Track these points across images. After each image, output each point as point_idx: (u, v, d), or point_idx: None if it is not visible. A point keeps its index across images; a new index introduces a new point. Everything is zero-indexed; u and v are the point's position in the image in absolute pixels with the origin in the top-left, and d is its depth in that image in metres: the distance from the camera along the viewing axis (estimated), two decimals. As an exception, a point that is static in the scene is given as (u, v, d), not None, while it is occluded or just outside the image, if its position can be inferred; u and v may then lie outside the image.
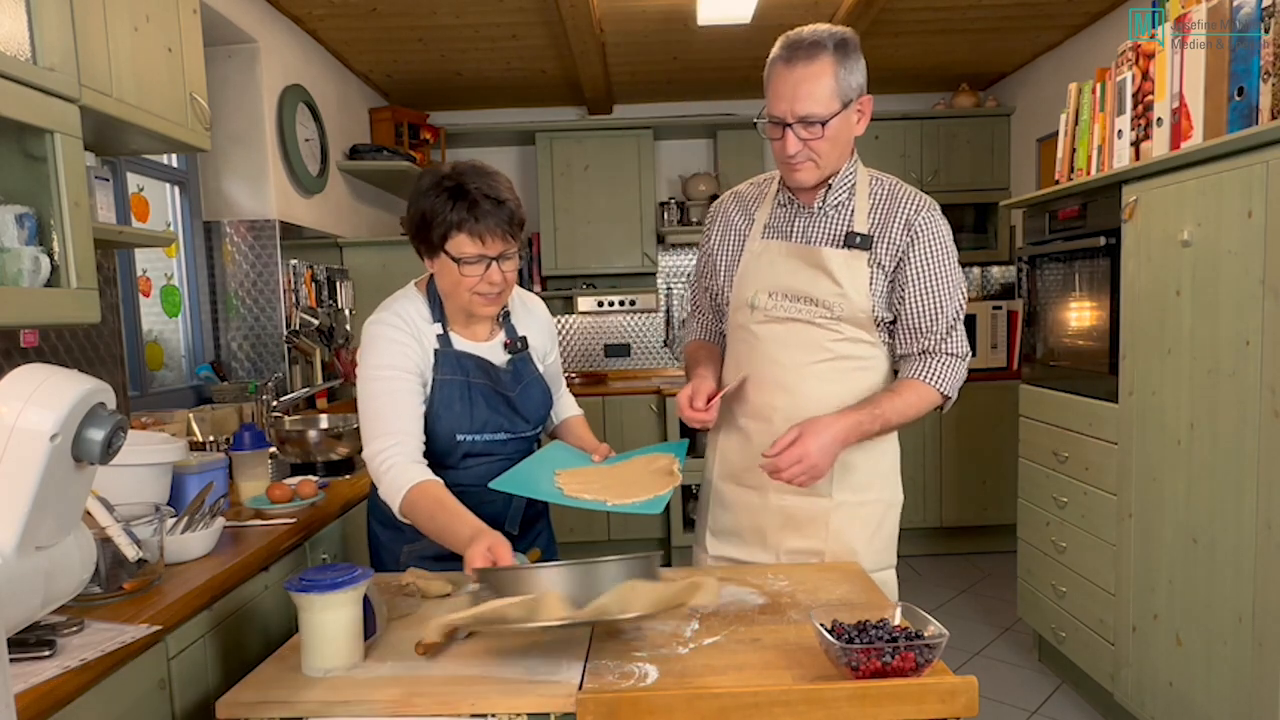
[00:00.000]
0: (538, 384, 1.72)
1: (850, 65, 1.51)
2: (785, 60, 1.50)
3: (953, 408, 1.72)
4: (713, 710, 1.08)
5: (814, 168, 1.56)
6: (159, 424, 2.31)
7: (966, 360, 1.63)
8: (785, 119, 1.51)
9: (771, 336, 1.64)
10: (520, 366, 1.69)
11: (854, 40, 1.53)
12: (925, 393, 1.59)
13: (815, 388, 1.61)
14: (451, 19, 3.44)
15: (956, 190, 4.65)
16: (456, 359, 1.60)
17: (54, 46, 1.53)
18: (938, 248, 1.60)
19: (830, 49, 1.49)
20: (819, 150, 1.53)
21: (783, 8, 3.43)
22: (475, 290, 1.52)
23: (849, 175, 1.62)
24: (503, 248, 1.50)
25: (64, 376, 0.82)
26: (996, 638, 3.36)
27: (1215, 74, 2.04)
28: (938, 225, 1.61)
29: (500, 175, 1.53)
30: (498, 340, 1.68)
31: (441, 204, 1.47)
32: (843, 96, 1.50)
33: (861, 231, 1.59)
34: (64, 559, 0.87)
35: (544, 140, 4.59)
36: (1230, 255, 1.98)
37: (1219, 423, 2.04)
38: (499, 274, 1.52)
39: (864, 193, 1.62)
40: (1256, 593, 1.93)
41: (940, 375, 1.60)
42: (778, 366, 1.63)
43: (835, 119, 1.50)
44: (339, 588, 1.18)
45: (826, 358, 1.61)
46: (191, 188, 3.13)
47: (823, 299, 1.59)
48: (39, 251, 1.53)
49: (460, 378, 1.60)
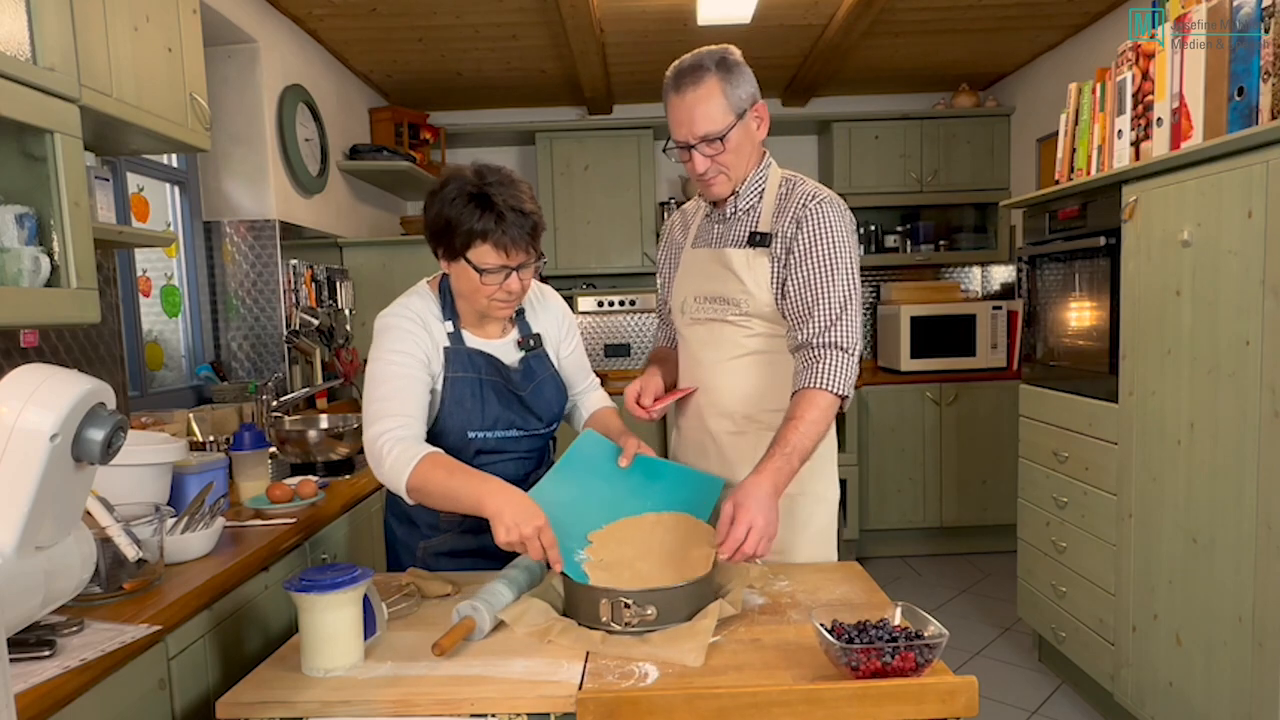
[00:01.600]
0: (551, 381, 1.72)
1: (735, 79, 1.57)
2: (675, 89, 1.58)
3: (953, 408, 1.71)
4: (713, 710, 1.08)
5: (725, 180, 1.64)
6: (159, 424, 2.31)
7: (854, 353, 1.57)
8: (688, 142, 1.59)
9: (694, 337, 1.75)
10: (533, 364, 1.70)
11: (733, 56, 1.59)
12: (820, 400, 1.51)
13: (730, 382, 1.70)
14: (451, 19, 3.44)
15: (956, 190, 4.65)
16: (468, 356, 1.61)
17: (54, 46, 1.53)
18: (822, 236, 1.59)
19: (713, 69, 1.55)
20: (725, 163, 1.61)
21: (783, 8, 3.43)
22: (493, 297, 1.54)
23: (759, 180, 1.68)
24: (524, 259, 1.53)
25: (64, 376, 0.82)
26: (996, 638, 3.36)
27: (1215, 74, 2.04)
28: (824, 215, 1.60)
29: (523, 184, 1.55)
30: (510, 338, 1.69)
31: (467, 213, 1.47)
32: (735, 109, 1.57)
33: (764, 230, 1.65)
34: (64, 559, 0.87)
35: (544, 140, 4.59)
36: (1230, 255, 1.98)
37: (1219, 423, 2.04)
38: (518, 283, 1.54)
39: (771, 196, 1.67)
40: (1256, 593, 1.93)
41: (827, 375, 1.53)
42: (700, 366, 1.74)
43: (733, 131, 1.58)
44: (339, 588, 1.18)
45: (740, 353, 1.69)
46: (191, 188, 3.13)
47: (732, 297, 1.67)
48: (39, 251, 1.53)
49: (472, 375, 1.61)
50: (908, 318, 4.32)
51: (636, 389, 1.72)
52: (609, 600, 1.27)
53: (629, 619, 1.26)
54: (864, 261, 4.77)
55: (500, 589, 1.36)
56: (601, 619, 1.28)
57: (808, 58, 4.11)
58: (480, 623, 1.28)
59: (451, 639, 1.22)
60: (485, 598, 1.32)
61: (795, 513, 1.67)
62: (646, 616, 1.26)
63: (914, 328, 4.32)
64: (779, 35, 3.78)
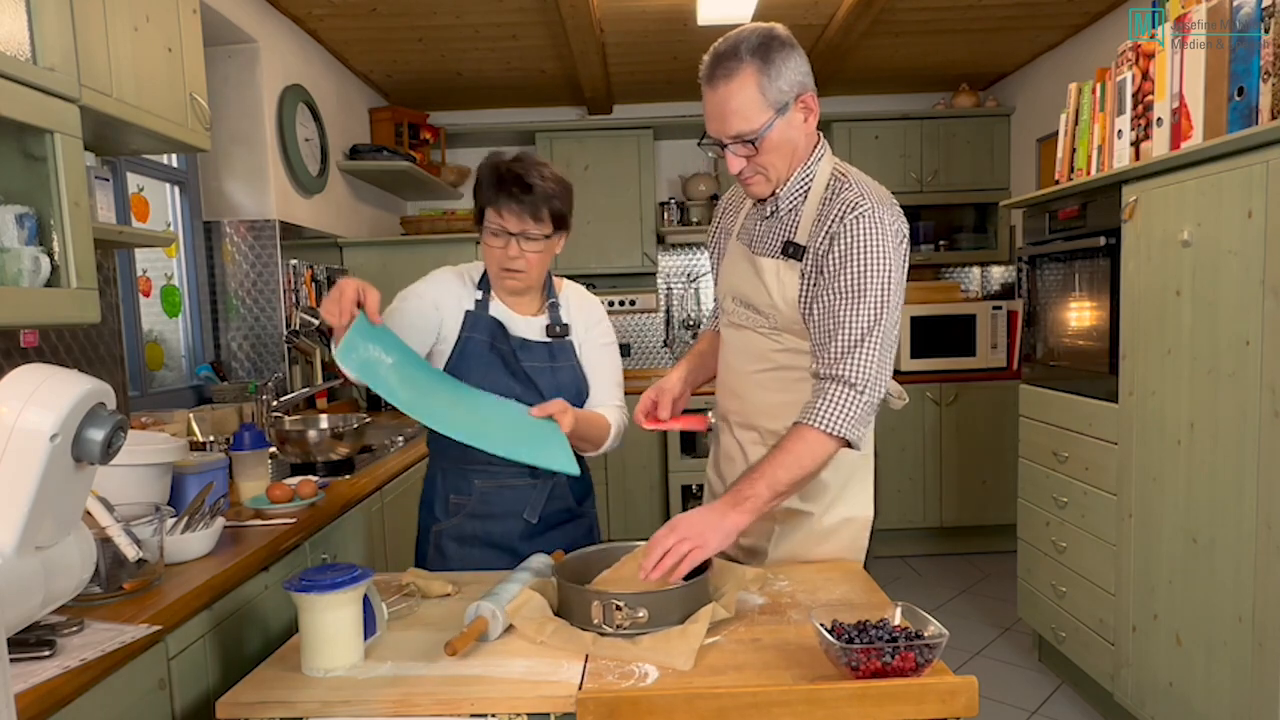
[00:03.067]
0: (571, 371, 1.76)
1: (777, 68, 1.39)
2: (708, 80, 1.42)
3: (953, 408, 1.70)
4: (713, 710, 1.08)
5: (764, 180, 1.49)
6: (159, 424, 2.31)
7: (865, 390, 1.38)
8: (720, 140, 1.45)
9: (730, 341, 1.67)
10: (556, 350, 1.75)
11: (778, 39, 1.40)
12: (809, 437, 1.37)
13: (760, 396, 1.60)
14: (451, 19, 3.44)
15: (956, 190, 4.65)
16: (486, 321, 1.72)
17: (54, 46, 1.53)
18: (853, 257, 1.41)
19: (748, 57, 1.38)
20: (764, 164, 1.46)
21: (783, 7, 3.43)
22: (501, 265, 1.67)
23: (805, 177, 1.51)
24: (520, 227, 1.63)
25: (64, 376, 0.82)
26: (996, 638, 3.36)
27: (1215, 74, 2.04)
28: (860, 232, 1.41)
29: (545, 168, 1.68)
30: (539, 320, 1.77)
31: (488, 180, 1.65)
32: (775, 103, 1.40)
33: (799, 241, 1.49)
34: (64, 559, 0.87)
35: (544, 140, 4.58)
36: (1230, 255, 1.98)
37: (1219, 423, 2.04)
38: (518, 250, 1.64)
39: (816, 198, 1.50)
40: (1256, 593, 1.93)
41: (825, 412, 1.37)
42: (733, 372, 1.67)
43: (771, 130, 1.41)
44: (339, 588, 1.18)
45: (768, 367, 1.58)
46: (191, 188, 3.13)
47: (761, 308, 1.56)
48: (39, 251, 1.53)
49: (483, 337, 1.71)
50: (908, 318, 4.31)
51: (652, 399, 1.69)
52: (601, 602, 1.27)
53: (620, 621, 1.26)
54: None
55: (513, 590, 1.36)
56: (593, 620, 1.28)
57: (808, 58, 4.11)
58: (493, 624, 1.28)
59: (464, 640, 1.22)
60: (498, 597, 1.32)
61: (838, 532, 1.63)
62: (638, 619, 1.26)
63: (914, 328, 4.32)
64: (779, 35, 3.78)
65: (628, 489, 4.39)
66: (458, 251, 3.88)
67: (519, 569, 1.47)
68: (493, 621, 1.27)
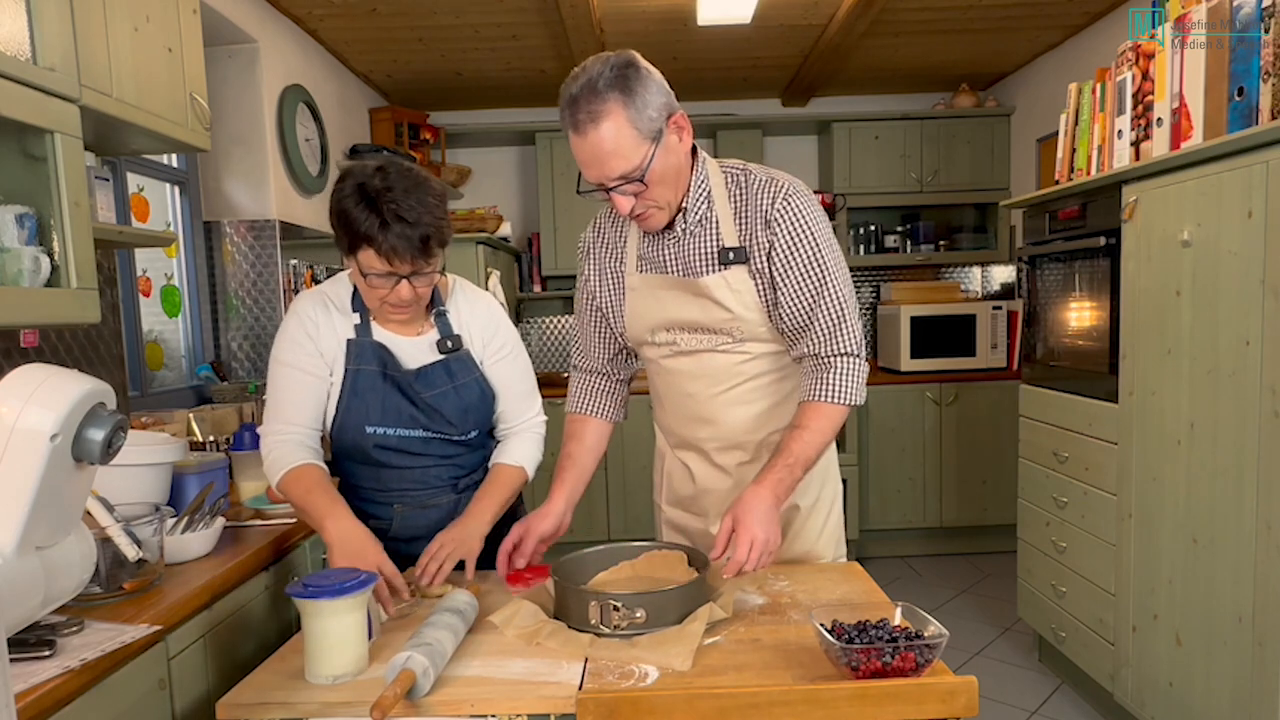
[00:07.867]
0: (475, 386, 1.62)
1: (641, 98, 1.32)
2: (574, 127, 1.34)
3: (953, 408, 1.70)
4: (713, 710, 1.08)
5: (659, 212, 1.44)
6: (159, 424, 2.31)
7: (861, 355, 1.47)
8: (604, 184, 1.38)
9: (681, 369, 1.57)
10: (453, 366, 1.60)
11: (632, 65, 1.34)
12: (830, 413, 1.44)
13: (734, 413, 1.56)
14: (451, 19, 3.44)
15: (956, 190, 4.64)
16: (372, 349, 1.57)
17: (54, 46, 1.53)
18: (801, 237, 1.43)
19: (609, 94, 1.31)
20: (654, 197, 1.41)
21: (783, 7, 3.43)
22: (385, 300, 1.48)
23: (701, 187, 1.48)
24: (413, 268, 1.44)
25: (64, 376, 0.82)
26: (996, 638, 3.36)
27: (1215, 74, 2.04)
28: (797, 210, 1.43)
29: (428, 185, 1.44)
30: (427, 337, 1.61)
31: (357, 212, 1.40)
32: (649, 134, 1.34)
33: (732, 245, 1.46)
34: (64, 559, 0.87)
35: (544, 140, 4.58)
36: (1230, 255, 1.98)
37: (1219, 423, 2.04)
38: (409, 290, 1.46)
39: (722, 198, 1.47)
40: (1256, 593, 1.93)
41: (837, 387, 1.44)
42: (693, 400, 1.58)
43: (654, 161, 1.36)
44: (347, 592, 1.16)
45: (738, 382, 1.54)
46: (191, 188, 3.13)
47: (719, 327, 1.50)
48: (39, 251, 1.53)
49: (373, 367, 1.56)
50: (908, 318, 4.32)
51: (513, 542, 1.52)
52: (598, 603, 1.27)
53: (618, 622, 1.25)
54: (864, 261, 4.78)
55: (442, 638, 1.19)
56: (591, 621, 1.27)
57: (808, 58, 4.11)
58: (422, 680, 1.10)
59: (390, 700, 1.03)
60: (431, 649, 1.14)
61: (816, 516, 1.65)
62: (636, 619, 1.25)
63: (914, 328, 4.32)
64: (779, 35, 3.78)
65: (628, 489, 4.39)
66: (457, 252, 3.87)
67: (439, 610, 1.29)
68: (423, 678, 1.10)
